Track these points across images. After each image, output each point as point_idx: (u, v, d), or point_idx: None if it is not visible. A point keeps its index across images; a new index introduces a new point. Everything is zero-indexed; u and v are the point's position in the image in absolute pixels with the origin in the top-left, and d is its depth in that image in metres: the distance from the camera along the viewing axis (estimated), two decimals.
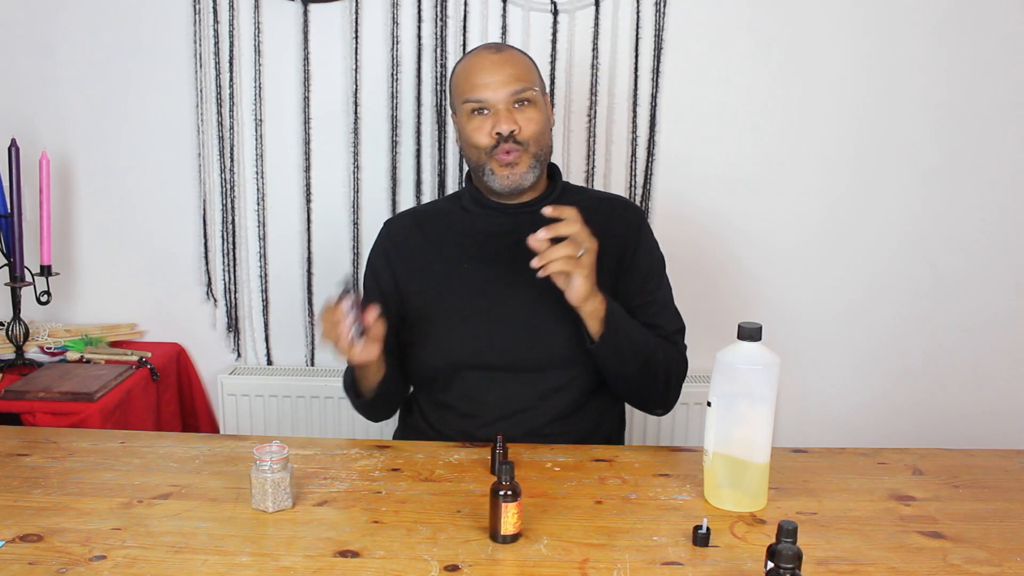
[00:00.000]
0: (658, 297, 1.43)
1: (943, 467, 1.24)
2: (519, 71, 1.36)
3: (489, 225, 1.43)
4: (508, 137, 1.34)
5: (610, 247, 1.38)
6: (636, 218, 1.47)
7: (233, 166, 2.03)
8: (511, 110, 1.35)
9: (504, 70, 1.35)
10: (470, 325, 1.38)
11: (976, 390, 2.12)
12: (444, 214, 1.49)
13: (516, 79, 1.35)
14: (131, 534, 1.02)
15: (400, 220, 1.54)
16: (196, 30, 1.97)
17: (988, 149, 2.01)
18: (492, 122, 1.35)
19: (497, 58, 1.36)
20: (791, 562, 0.85)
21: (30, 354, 1.94)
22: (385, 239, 1.50)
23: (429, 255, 1.44)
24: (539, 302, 1.35)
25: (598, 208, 1.43)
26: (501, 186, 1.38)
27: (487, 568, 0.95)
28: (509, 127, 1.34)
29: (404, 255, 1.46)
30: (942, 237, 2.05)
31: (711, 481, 1.12)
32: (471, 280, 1.40)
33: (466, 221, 1.45)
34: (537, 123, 1.37)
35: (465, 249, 1.43)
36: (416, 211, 1.59)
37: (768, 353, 1.07)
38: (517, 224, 1.40)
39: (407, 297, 1.44)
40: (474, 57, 1.39)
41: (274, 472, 1.06)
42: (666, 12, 1.94)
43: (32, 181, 1.90)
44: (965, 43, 1.95)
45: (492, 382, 1.38)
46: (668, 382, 1.38)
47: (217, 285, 2.10)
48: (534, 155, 1.38)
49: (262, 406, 2.04)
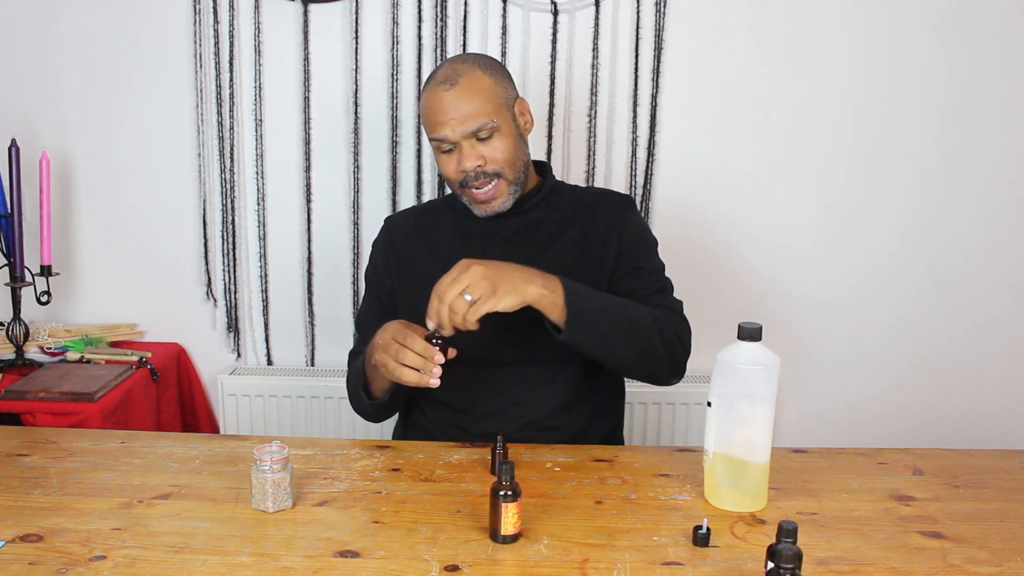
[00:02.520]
0: (655, 282, 1.39)
1: (943, 467, 1.24)
2: (474, 106, 1.32)
3: (478, 225, 1.44)
4: (476, 174, 1.34)
5: (600, 236, 1.40)
6: (621, 206, 1.45)
7: (233, 166, 2.03)
8: (473, 145, 1.33)
9: (459, 108, 1.31)
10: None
11: (976, 390, 2.12)
12: (440, 213, 1.51)
13: (472, 116, 1.32)
14: (131, 534, 1.02)
15: (400, 219, 1.55)
16: (196, 30, 1.97)
17: (987, 149, 2.01)
18: (457, 158, 1.35)
19: (451, 96, 1.32)
20: (791, 562, 0.85)
21: (30, 354, 1.94)
22: (385, 236, 1.52)
23: (424, 254, 1.46)
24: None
25: (587, 203, 1.45)
26: (479, 215, 1.40)
27: (487, 568, 0.95)
28: (474, 163, 1.33)
29: (402, 254, 1.48)
30: (942, 237, 2.05)
31: (711, 481, 1.12)
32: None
33: (458, 221, 1.47)
34: (504, 150, 1.35)
35: (456, 248, 1.42)
36: (416, 210, 1.60)
37: (768, 353, 1.07)
38: (506, 223, 1.42)
39: (403, 296, 1.45)
40: (430, 93, 1.35)
41: (274, 472, 1.06)
42: (666, 12, 1.94)
43: (32, 181, 1.90)
44: (964, 43, 1.95)
45: (483, 377, 1.38)
46: (669, 344, 1.29)
47: (217, 285, 2.10)
48: (511, 181, 1.37)
49: (262, 406, 2.04)
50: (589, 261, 1.40)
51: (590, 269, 1.39)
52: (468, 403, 1.40)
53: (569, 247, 1.41)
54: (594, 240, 1.41)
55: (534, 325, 1.33)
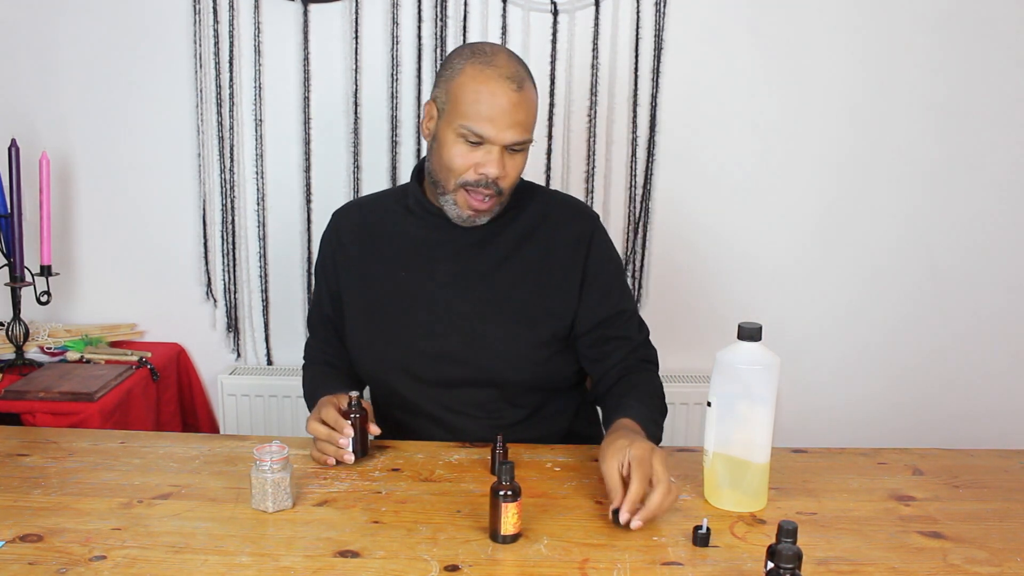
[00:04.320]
0: (624, 307, 1.37)
1: (943, 467, 1.24)
2: (529, 118, 1.25)
3: (430, 232, 1.35)
4: (488, 183, 1.25)
5: (560, 262, 1.34)
6: (586, 227, 1.37)
7: (233, 166, 2.03)
8: (504, 156, 1.24)
9: (517, 115, 1.22)
10: (400, 338, 1.34)
11: (976, 390, 2.12)
12: (388, 212, 1.40)
13: (524, 128, 1.24)
14: (131, 534, 1.02)
15: (347, 214, 1.44)
16: (196, 30, 1.97)
17: (986, 149, 2.01)
18: (482, 159, 1.24)
19: (517, 97, 1.22)
20: (791, 562, 0.85)
21: (30, 354, 1.94)
22: (333, 233, 1.43)
23: (369, 257, 1.38)
24: (475, 316, 1.32)
25: (551, 213, 1.38)
26: (460, 220, 1.30)
27: (487, 568, 0.95)
28: (498, 173, 1.24)
29: (346, 252, 1.40)
30: (941, 237, 2.05)
31: (711, 481, 1.12)
32: (407, 289, 1.35)
33: (408, 224, 1.37)
34: (519, 171, 1.29)
35: (403, 255, 1.36)
36: (362, 203, 1.47)
37: (768, 353, 1.07)
38: (460, 233, 1.33)
39: (346, 298, 1.40)
40: (490, 82, 1.22)
41: (274, 472, 1.06)
42: (666, 12, 1.94)
43: (32, 181, 1.90)
44: (964, 43, 1.96)
45: (426, 397, 1.35)
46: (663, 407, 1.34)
47: (217, 285, 2.10)
48: (502, 202, 1.30)
49: (262, 406, 2.04)
50: (548, 285, 1.34)
51: (550, 293, 1.33)
52: (413, 420, 1.38)
53: (528, 268, 1.34)
54: (556, 262, 1.34)
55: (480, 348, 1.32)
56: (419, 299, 1.34)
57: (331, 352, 1.46)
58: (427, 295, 1.34)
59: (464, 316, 1.32)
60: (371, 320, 1.36)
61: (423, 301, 1.34)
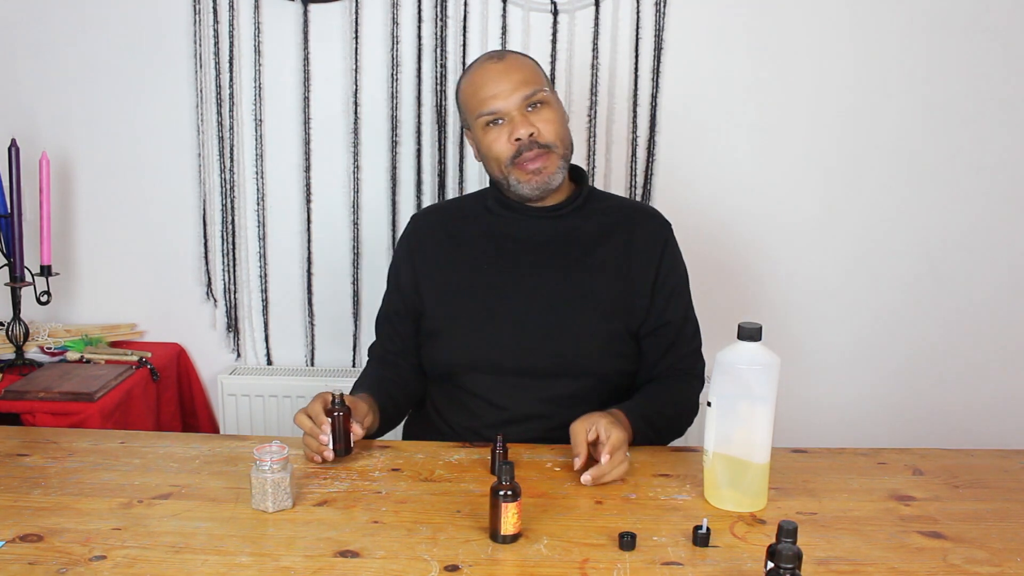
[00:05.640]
0: (685, 316, 1.42)
1: (943, 467, 1.24)
2: (525, 74, 1.34)
3: (511, 228, 1.41)
4: (530, 144, 1.32)
5: (637, 261, 1.38)
6: (663, 232, 1.43)
7: (233, 166, 2.03)
8: (525, 115, 1.33)
9: (511, 76, 1.33)
10: (485, 328, 1.37)
11: (976, 389, 2.12)
12: (469, 213, 1.47)
13: (524, 83, 1.33)
14: (131, 534, 1.02)
15: (425, 216, 1.52)
16: (196, 30, 1.97)
17: (984, 147, 2.01)
18: (509, 130, 1.33)
19: (501, 66, 1.34)
20: (791, 562, 0.85)
21: (30, 354, 1.94)
22: (411, 235, 1.48)
23: (450, 255, 1.43)
24: (555, 310, 1.35)
25: (625, 218, 1.42)
26: (529, 191, 1.36)
27: (487, 568, 0.95)
28: (527, 130, 1.32)
29: (426, 253, 1.45)
30: (941, 236, 2.05)
31: (711, 481, 1.12)
32: (489, 283, 1.39)
33: (489, 222, 1.43)
34: (555, 122, 1.35)
35: (486, 251, 1.41)
36: (441, 207, 1.57)
37: (768, 353, 1.07)
38: (540, 228, 1.40)
39: (426, 295, 1.43)
40: (477, 70, 1.37)
41: (274, 472, 1.06)
42: (666, 12, 1.94)
43: (32, 181, 1.90)
44: (961, 43, 1.95)
45: (504, 385, 1.37)
46: (689, 420, 1.41)
47: (217, 285, 2.10)
48: (562, 155, 1.36)
49: (262, 406, 2.04)
50: (625, 280, 1.38)
51: (625, 288, 1.37)
52: (485, 410, 1.38)
53: (606, 262, 1.39)
54: (633, 260, 1.38)
55: (559, 341, 1.34)
56: (498, 289, 1.38)
57: (390, 348, 1.48)
58: (507, 286, 1.38)
59: (544, 308, 1.35)
60: (453, 313, 1.39)
61: (503, 292, 1.38)
